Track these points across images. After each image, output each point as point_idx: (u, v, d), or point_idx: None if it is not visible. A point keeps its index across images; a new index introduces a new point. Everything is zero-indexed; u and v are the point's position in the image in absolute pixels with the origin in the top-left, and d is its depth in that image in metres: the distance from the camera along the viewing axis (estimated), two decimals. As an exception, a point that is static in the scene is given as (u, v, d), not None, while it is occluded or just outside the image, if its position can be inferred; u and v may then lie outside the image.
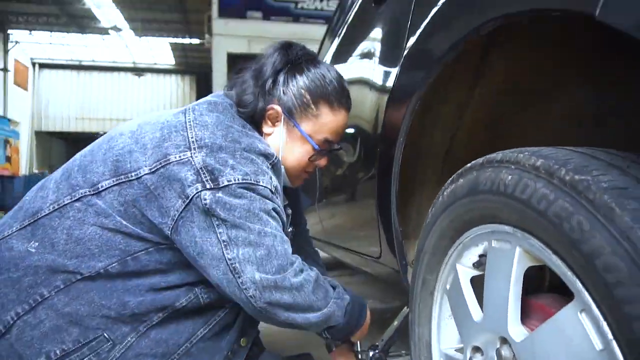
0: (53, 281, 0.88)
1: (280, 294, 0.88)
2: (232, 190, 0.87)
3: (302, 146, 1.06)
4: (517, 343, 0.56)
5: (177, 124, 0.93)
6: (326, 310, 0.96)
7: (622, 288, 0.39)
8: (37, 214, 0.92)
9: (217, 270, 0.87)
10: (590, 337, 0.45)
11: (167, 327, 0.94)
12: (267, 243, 0.88)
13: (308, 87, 1.03)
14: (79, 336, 0.87)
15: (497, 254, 0.62)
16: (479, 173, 0.62)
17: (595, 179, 0.45)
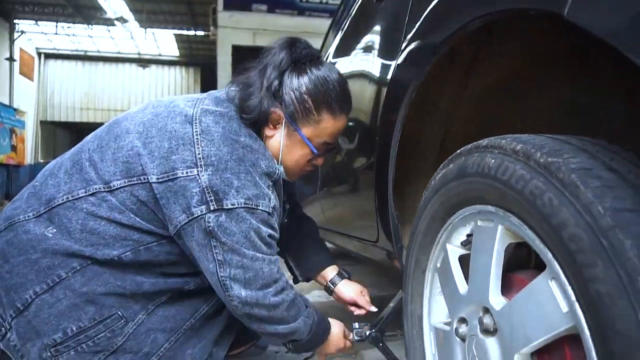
0: (70, 263, 0.94)
1: (259, 309, 0.98)
2: (234, 214, 0.93)
3: (302, 149, 1.08)
4: (497, 311, 0.62)
5: (184, 135, 0.95)
6: (294, 325, 1.04)
7: (581, 255, 0.44)
8: (51, 202, 0.97)
9: (209, 279, 0.97)
10: (558, 301, 0.50)
11: (173, 305, 1.02)
12: (257, 267, 0.96)
13: (311, 92, 1.03)
14: (94, 314, 0.94)
15: (482, 232, 0.67)
16: (467, 158, 0.68)
17: (565, 161, 0.50)
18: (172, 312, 1.01)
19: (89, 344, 0.93)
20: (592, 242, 0.43)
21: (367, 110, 1.24)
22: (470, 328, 0.69)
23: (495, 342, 0.63)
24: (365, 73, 1.33)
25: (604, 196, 0.45)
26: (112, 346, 0.94)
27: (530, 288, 0.56)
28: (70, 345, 0.92)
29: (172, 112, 0.99)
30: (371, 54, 1.31)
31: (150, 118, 1.00)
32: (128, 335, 0.96)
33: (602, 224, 0.43)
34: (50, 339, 0.92)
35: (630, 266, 0.40)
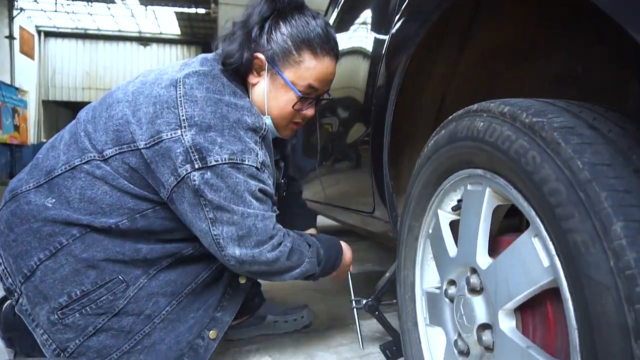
0: (69, 230, 0.97)
1: (258, 266, 0.99)
2: (219, 169, 0.93)
3: (286, 94, 1.07)
4: (483, 270, 0.64)
5: (168, 99, 0.96)
6: (300, 269, 1.07)
7: (560, 208, 0.46)
8: (51, 173, 1.00)
9: (204, 240, 0.98)
10: (540, 257, 0.52)
11: (174, 270, 1.04)
12: (249, 223, 0.96)
13: (291, 33, 1.04)
14: (96, 278, 0.97)
15: (471, 196, 0.69)
16: (458, 123, 0.69)
17: (549, 120, 0.51)
18: (173, 277, 1.03)
19: (92, 307, 0.96)
20: (571, 195, 0.45)
21: (364, 81, 1.25)
22: (458, 289, 0.72)
23: (481, 300, 0.65)
24: (361, 46, 1.33)
25: (583, 152, 0.46)
26: (115, 309, 0.98)
27: (514, 246, 0.58)
28: (75, 308, 0.96)
29: (159, 79, 1.01)
30: (366, 27, 1.31)
31: (139, 86, 1.02)
32: (129, 299, 0.99)
33: (580, 177, 0.45)
34: (56, 302, 0.96)
35: (604, 216, 0.42)
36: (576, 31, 0.78)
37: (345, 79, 1.39)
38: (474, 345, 0.67)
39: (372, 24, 1.26)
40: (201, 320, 1.07)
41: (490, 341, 0.62)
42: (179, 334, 1.03)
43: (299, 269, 1.07)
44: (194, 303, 1.07)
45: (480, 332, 0.64)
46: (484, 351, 0.64)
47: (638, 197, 0.42)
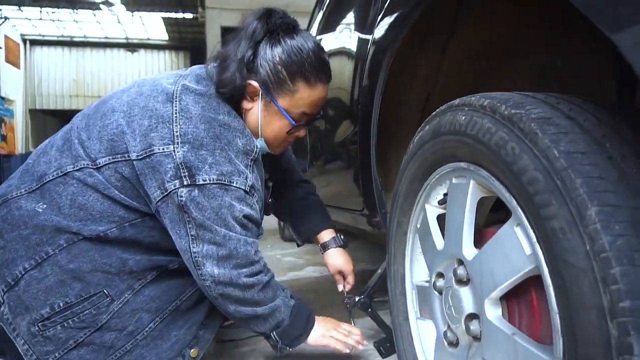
0: (57, 240, 0.96)
1: (232, 288, 0.98)
2: (206, 189, 0.93)
3: (280, 120, 1.07)
4: (469, 261, 0.65)
5: (164, 114, 0.96)
6: (272, 304, 1.05)
7: (539, 196, 0.48)
8: (42, 178, 0.99)
9: (184, 256, 0.98)
10: (522, 245, 0.54)
11: (159, 286, 1.03)
12: (230, 246, 0.96)
13: (284, 62, 1.02)
14: (80, 291, 0.96)
15: (456, 189, 0.70)
16: (441, 118, 0.70)
17: (527, 112, 0.53)
18: (157, 293, 1.02)
19: (74, 320, 0.95)
20: (548, 183, 0.47)
21: (349, 81, 1.26)
22: (446, 280, 0.73)
23: (468, 290, 0.67)
24: (347, 46, 1.35)
25: (559, 141, 0.48)
26: (97, 323, 0.96)
27: (497, 236, 0.59)
28: (57, 321, 0.95)
29: (155, 91, 1.01)
30: (351, 26, 1.33)
31: (134, 97, 1.01)
32: (113, 314, 0.97)
33: (556, 166, 0.46)
34: (38, 313, 0.94)
35: (580, 202, 0.43)
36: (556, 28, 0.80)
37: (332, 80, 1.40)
38: (462, 335, 0.68)
39: (356, 23, 1.28)
40: (183, 338, 1.05)
41: (478, 330, 0.64)
42: (160, 352, 1.02)
43: (271, 303, 1.05)
44: (177, 321, 1.05)
45: (468, 322, 0.66)
46: (472, 341, 0.66)
47: (612, 183, 0.44)
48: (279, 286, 1.10)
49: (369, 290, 1.27)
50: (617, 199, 0.43)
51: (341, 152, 1.42)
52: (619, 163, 0.46)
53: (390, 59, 0.94)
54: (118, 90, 1.08)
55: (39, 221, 0.96)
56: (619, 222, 0.41)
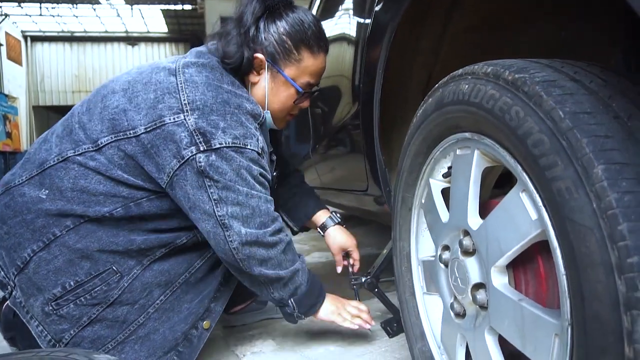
0: (63, 222, 0.97)
1: (258, 247, 0.99)
2: (223, 153, 0.95)
3: (287, 90, 1.12)
4: (474, 231, 0.65)
5: (169, 85, 0.97)
6: (293, 267, 1.07)
7: (544, 158, 0.47)
8: (43, 165, 1.00)
9: (206, 224, 0.98)
10: (528, 210, 0.54)
11: (168, 260, 1.05)
12: (253, 204, 0.98)
13: (289, 32, 1.07)
14: (90, 269, 0.97)
15: (461, 160, 0.70)
16: (444, 89, 0.70)
17: (531, 75, 0.52)
18: (166, 267, 1.04)
19: (86, 297, 0.97)
20: (553, 145, 0.46)
21: (350, 64, 1.25)
22: (452, 252, 0.73)
23: (474, 260, 0.67)
24: (346, 31, 1.35)
25: (564, 102, 0.47)
26: (109, 299, 0.98)
27: (503, 203, 0.59)
28: (70, 299, 0.97)
29: (156, 69, 1.03)
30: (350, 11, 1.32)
31: (134, 77, 1.03)
32: (123, 289, 0.99)
33: (562, 126, 0.46)
34: (50, 293, 0.96)
35: (586, 161, 0.43)
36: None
37: (333, 60, 1.39)
38: (469, 305, 0.68)
39: (355, 6, 1.27)
40: (196, 311, 1.07)
41: (485, 299, 0.64)
42: (173, 324, 1.04)
43: (292, 267, 1.07)
44: (188, 293, 1.07)
45: (474, 291, 0.66)
46: (479, 310, 0.66)
47: (618, 142, 0.43)
48: (296, 251, 1.12)
49: (375, 270, 1.27)
50: (623, 157, 0.42)
51: (344, 133, 1.41)
52: (626, 122, 0.45)
53: (391, 36, 0.93)
54: (117, 75, 1.10)
55: (43, 207, 0.97)
56: (626, 179, 0.41)
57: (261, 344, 1.30)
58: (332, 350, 1.23)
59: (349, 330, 1.23)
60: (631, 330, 0.38)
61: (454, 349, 0.75)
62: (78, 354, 0.89)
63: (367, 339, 1.29)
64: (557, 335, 0.49)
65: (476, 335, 0.66)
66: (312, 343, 1.29)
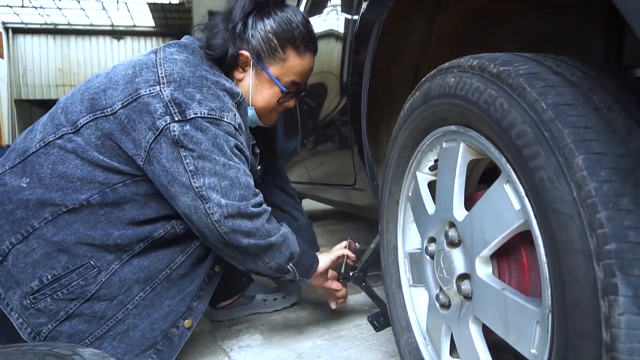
0: (42, 213, 0.96)
1: (241, 219, 0.96)
2: (198, 123, 0.93)
3: (271, 88, 1.12)
4: (460, 222, 0.66)
5: (147, 61, 0.99)
6: (281, 232, 1.05)
7: (527, 148, 0.48)
8: (26, 152, 1.00)
9: (186, 197, 0.95)
10: (512, 201, 0.55)
11: (148, 256, 1.03)
12: (231, 175, 0.96)
13: (275, 31, 1.08)
14: (67, 263, 0.96)
15: (447, 153, 0.71)
16: (431, 82, 0.71)
17: (515, 68, 0.53)
18: (146, 263, 1.02)
19: (63, 292, 0.96)
20: (536, 135, 0.47)
21: (338, 61, 1.26)
22: (438, 244, 0.74)
23: (459, 251, 0.68)
24: (334, 27, 1.35)
25: (547, 94, 0.48)
26: (86, 294, 0.97)
27: (487, 194, 0.60)
28: (47, 293, 0.95)
29: (138, 56, 1.05)
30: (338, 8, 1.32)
31: (117, 64, 1.06)
32: (101, 284, 0.98)
33: (544, 117, 0.47)
34: (28, 286, 0.95)
35: (567, 151, 0.44)
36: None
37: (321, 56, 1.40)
38: (454, 296, 0.69)
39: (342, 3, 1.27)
40: (177, 309, 1.05)
41: (469, 290, 0.65)
42: (153, 321, 1.02)
43: (280, 232, 1.04)
44: (169, 290, 1.05)
45: (459, 282, 0.67)
46: (464, 300, 0.67)
47: (598, 132, 0.45)
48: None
49: (362, 264, 1.28)
50: (603, 147, 0.44)
51: (332, 128, 1.42)
52: (605, 113, 0.46)
53: (378, 32, 0.94)
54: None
55: (23, 196, 0.97)
56: (604, 169, 0.42)
57: (249, 339, 1.30)
58: (319, 344, 1.24)
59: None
60: (608, 315, 0.40)
61: (439, 340, 0.76)
62: (62, 348, 0.88)
63: (354, 333, 1.30)
64: (539, 322, 0.51)
65: (461, 326, 0.67)
66: (299, 337, 1.29)
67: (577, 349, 0.43)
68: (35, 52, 16.99)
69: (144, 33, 17.76)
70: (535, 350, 0.51)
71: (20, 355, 0.87)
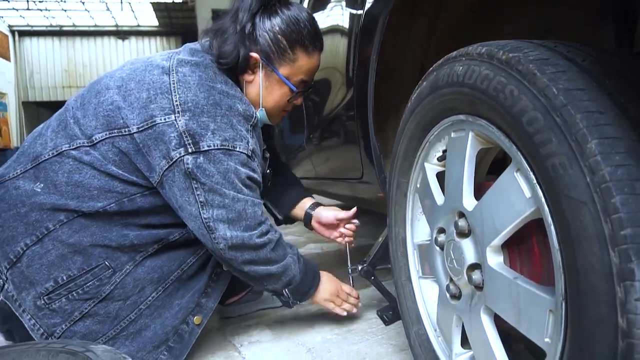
0: (57, 216, 0.97)
1: (245, 250, 1.01)
2: (211, 155, 0.95)
3: (281, 89, 1.12)
4: (470, 212, 0.66)
5: (161, 85, 0.97)
6: (284, 262, 1.09)
7: (539, 135, 0.48)
8: (38, 158, 1.00)
9: (193, 224, 0.99)
10: (522, 189, 0.54)
11: (160, 257, 1.05)
12: (239, 207, 0.99)
13: (284, 32, 1.07)
14: (82, 264, 0.97)
15: (455, 142, 0.70)
16: (438, 72, 0.70)
17: (525, 54, 0.52)
18: (159, 264, 1.04)
19: (78, 292, 0.97)
20: (548, 121, 0.47)
21: (344, 55, 1.25)
22: (447, 235, 0.74)
23: (469, 241, 0.67)
24: (339, 23, 1.34)
25: (557, 79, 0.47)
26: (101, 294, 0.98)
27: (497, 183, 0.59)
28: (62, 293, 0.96)
29: (149, 66, 1.02)
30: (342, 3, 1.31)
31: (128, 73, 1.03)
32: (116, 284, 0.99)
33: (555, 103, 0.46)
34: (42, 287, 0.96)
35: (580, 136, 0.43)
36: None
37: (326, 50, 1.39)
38: (464, 286, 0.69)
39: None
40: (186, 306, 1.07)
41: (480, 279, 0.64)
42: (164, 320, 1.04)
43: (283, 261, 1.08)
44: (179, 290, 1.07)
45: (470, 272, 0.66)
46: (475, 290, 0.67)
47: (611, 117, 0.44)
48: (287, 244, 1.13)
49: (371, 258, 1.28)
50: (616, 132, 0.43)
51: (339, 121, 1.41)
52: (619, 98, 0.46)
53: (383, 25, 0.94)
54: (111, 71, 1.09)
55: (37, 200, 0.97)
56: (619, 153, 0.42)
57: (258, 334, 1.31)
58: (329, 338, 1.24)
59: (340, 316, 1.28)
60: (624, 301, 0.39)
61: (449, 331, 0.75)
62: (75, 345, 0.89)
63: (363, 327, 1.30)
64: (552, 311, 0.50)
65: (472, 316, 0.67)
66: (309, 331, 1.29)
67: (591, 336, 0.43)
68: (42, 54, 17.10)
69: (148, 33, 17.79)
70: (549, 339, 0.50)
71: (34, 352, 0.88)
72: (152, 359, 1.01)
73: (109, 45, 17.64)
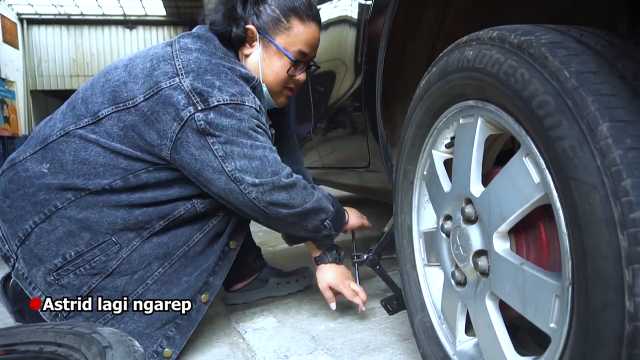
0: (64, 194, 0.99)
1: (278, 192, 1.01)
2: (221, 110, 0.96)
3: (280, 60, 1.14)
4: (477, 198, 0.65)
5: (164, 54, 1.01)
6: (315, 197, 1.10)
7: (549, 118, 0.47)
8: (46, 140, 1.03)
9: (219, 182, 0.99)
10: (531, 174, 0.54)
11: (167, 233, 1.06)
12: (259, 154, 0.99)
13: (278, 3, 1.11)
14: (90, 240, 0.99)
15: (464, 129, 0.70)
16: (448, 57, 0.69)
17: (537, 38, 0.52)
18: (165, 240, 1.05)
19: (86, 267, 0.99)
20: (559, 104, 0.46)
21: (354, 33, 1.24)
22: (454, 221, 0.74)
23: (476, 228, 0.67)
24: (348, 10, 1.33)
25: (569, 63, 0.47)
26: (108, 269, 1.00)
27: (506, 169, 0.59)
28: (70, 269, 0.98)
29: (154, 47, 1.07)
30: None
31: (135, 55, 1.07)
32: (122, 260, 1.00)
33: (567, 86, 0.45)
34: (51, 263, 0.98)
35: (591, 119, 0.43)
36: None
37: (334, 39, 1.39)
38: (470, 272, 0.69)
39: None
40: (194, 285, 1.08)
41: (486, 266, 0.64)
42: (172, 297, 1.05)
43: (314, 197, 1.09)
44: (187, 267, 1.08)
45: (476, 258, 0.66)
46: (480, 276, 0.66)
47: (624, 100, 0.43)
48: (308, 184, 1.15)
49: (377, 247, 1.28)
50: (629, 115, 0.42)
51: (346, 110, 1.41)
52: (631, 81, 0.45)
53: (392, 15, 0.93)
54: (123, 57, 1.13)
55: (45, 180, 0.99)
56: (630, 136, 0.41)
57: (263, 321, 1.32)
58: (332, 327, 1.25)
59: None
60: (632, 284, 0.39)
61: (454, 318, 0.75)
62: (82, 327, 0.90)
63: (367, 317, 1.31)
64: (558, 296, 0.50)
65: (477, 302, 0.67)
66: (313, 320, 1.30)
67: (598, 321, 0.43)
68: (50, 42, 17.14)
69: (155, 22, 17.76)
70: (554, 324, 0.50)
71: (42, 333, 0.89)
72: (160, 335, 1.02)
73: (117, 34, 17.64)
